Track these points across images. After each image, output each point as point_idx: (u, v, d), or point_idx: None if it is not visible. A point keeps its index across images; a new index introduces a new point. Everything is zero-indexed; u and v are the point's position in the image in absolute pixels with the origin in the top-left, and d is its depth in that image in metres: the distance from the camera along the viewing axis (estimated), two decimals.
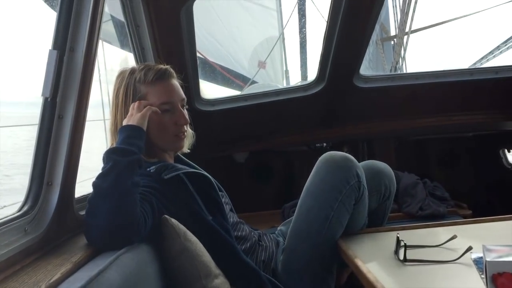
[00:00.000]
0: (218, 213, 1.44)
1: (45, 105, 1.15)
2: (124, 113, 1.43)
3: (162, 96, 1.45)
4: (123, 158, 1.21)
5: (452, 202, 2.50)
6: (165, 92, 1.46)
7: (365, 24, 2.15)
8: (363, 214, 1.63)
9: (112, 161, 1.20)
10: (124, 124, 1.36)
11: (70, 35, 1.16)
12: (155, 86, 1.45)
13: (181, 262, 1.25)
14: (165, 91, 1.46)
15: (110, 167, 1.19)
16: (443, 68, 2.65)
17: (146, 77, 1.45)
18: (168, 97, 1.46)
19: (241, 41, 6.30)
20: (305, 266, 1.53)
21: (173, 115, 1.47)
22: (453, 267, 1.17)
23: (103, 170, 1.20)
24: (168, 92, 1.47)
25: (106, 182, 1.16)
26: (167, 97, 1.46)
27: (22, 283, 0.88)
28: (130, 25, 1.83)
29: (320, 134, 2.82)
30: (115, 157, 1.21)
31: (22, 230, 1.05)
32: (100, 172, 1.20)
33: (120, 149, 1.25)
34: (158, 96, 1.45)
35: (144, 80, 1.45)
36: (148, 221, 1.20)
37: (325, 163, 1.55)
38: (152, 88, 1.45)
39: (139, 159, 1.26)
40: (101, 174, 1.19)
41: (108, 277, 0.93)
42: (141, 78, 1.45)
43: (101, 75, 2.11)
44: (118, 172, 1.18)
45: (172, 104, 1.47)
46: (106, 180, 1.16)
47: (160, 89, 1.46)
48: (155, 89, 1.45)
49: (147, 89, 1.45)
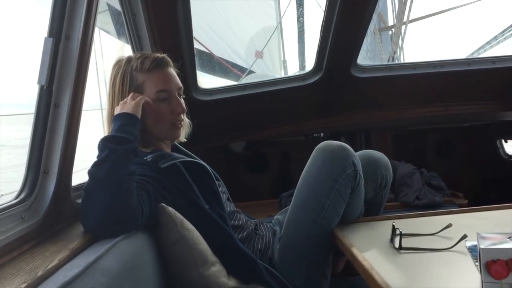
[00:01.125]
0: (215, 202, 1.45)
1: (41, 93, 1.15)
2: (120, 102, 1.43)
3: (159, 84, 1.45)
4: (118, 146, 1.21)
5: (449, 191, 2.51)
6: (162, 80, 1.46)
7: (363, 13, 2.14)
8: (359, 203, 1.63)
9: (108, 149, 1.20)
10: (118, 112, 1.36)
11: (65, 23, 1.16)
12: (152, 74, 1.45)
13: (178, 250, 1.25)
14: (162, 79, 1.46)
15: (105, 155, 1.19)
16: (441, 58, 2.65)
17: (143, 66, 1.44)
18: (165, 85, 1.46)
19: (238, 30, 6.28)
20: (301, 255, 1.53)
21: (170, 103, 1.47)
22: (448, 255, 1.18)
23: (99, 158, 1.19)
24: (165, 80, 1.47)
25: (102, 170, 1.16)
26: (164, 85, 1.46)
27: (19, 269, 0.88)
28: (126, 13, 1.82)
29: (318, 124, 2.83)
30: (111, 145, 1.21)
31: (19, 217, 1.06)
32: (95, 160, 1.20)
33: (115, 137, 1.25)
34: (155, 84, 1.45)
35: (141, 68, 1.45)
36: (145, 210, 1.20)
37: (321, 152, 1.55)
38: (149, 76, 1.45)
39: (135, 147, 1.26)
40: (97, 162, 1.19)
41: (105, 264, 0.93)
42: (138, 67, 1.45)
43: (97, 64, 2.10)
44: (114, 160, 1.18)
45: (169, 93, 1.47)
46: (101, 169, 1.16)
47: (157, 77, 1.45)
48: (152, 77, 1.45)
49: (144, 77, 1.45)
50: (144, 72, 1.45)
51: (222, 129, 2.68)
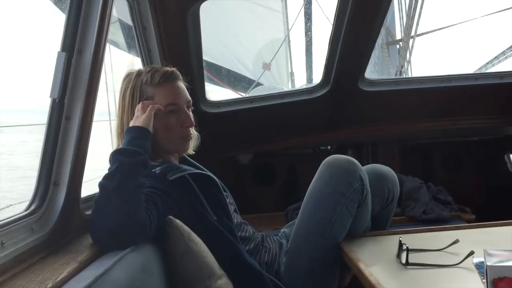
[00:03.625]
0: (223, 214, 1.45)
1: (53, 106, 1.17)
2: (130, 115, 1.45)
3: (168, 97, 1.47)
4: (128, 159, 1.23)
5: (456, 206, 2.50)
6: (171, 93, 1.48)
7: (371, 27, 2.16)
8: (366, 217, 1.63)
9: (118, 161, 1.21)
10: (130, 126, 1.38)
11: (78, 38, 1.18)
12: (162, 87, 1.47)
13: (185, 262, 1.26)
14: (171, 93, 1.48)
15: (115, 168, 1.20)
16: (448, 72, 2.66)
17: (152, 79, 1.47)
18: (174, 99, 1.49)
19: (246, 42, 6.32)
20: (308, 269, 1.53)
21: (179, 117, 1.49)
22: (455, 271, 1.18)
23: (109, 170, 1.21)
24: (174, 93, 1.49)
25: (112, 182, 1.17)
26: (173, 98, 1.48)
27: (29, 281, 0.89)
28: (137, 27, 1.85)
29: (325, 137, 2.83)
30: (121, 157, 1.23)
31: (29, 228, 1.07)
32: (106, 172, 1.21)
33: (126, 150, 1.27)
34: (164, 97, 1.47)
35: (150, 81, 1.47)
36: (153, 222, 1.21)
37: (328, 166, 1.56)
38: (158, 89, 1.47)
39: (145, 160, 1.27)
40: (107, 174, 1.21)
41: (114, 276, 0.94)
42: (148, 80, 1.47)
43: (107, 78, 2.13)
44: (124, 173, 1.19)
45: (178, 106, 1.49)
46: (112, 181, 1.18)
47: (166, 91, 1.48)
48: (161, 90, 1.47)
49: (153, 90, 1.47)
50: (153, 86, 1.47)
51: (229, 142, 2.69)
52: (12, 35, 5.62)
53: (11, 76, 5.60)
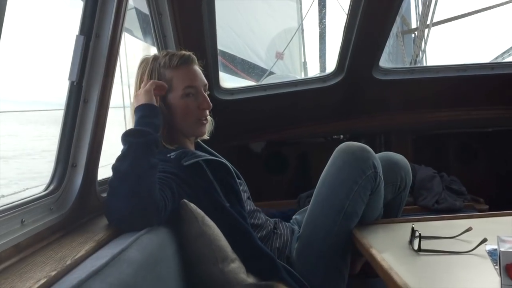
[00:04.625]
0: (236, 201, 1.47)
1: (71, 89, 1.19)
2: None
3: (186, 80, 1.49)
4: (138, 140, 1.23)
5: (469, 196, 2.49)
6: (189, 76, 1.51)
7: (386, 16, 2.14)
8: (379, 205, 1.64)
9: (128, 143, 1.22)
10: (135, 106, 1.39)
11: (96, 21, 1.20)
12: (179, 70, 1.49)
13: (199, 245, 1.28)
14: (189, 76, 1.51)
15: (126, 150, 1.21)
16: (464, 61, 2.63)
17: (170, 62, 1.49)
18: (192, 81, 1.51)
19: (259, 31, 6.29)
20: (319, 254, 1.55)
21: (197, 99, 1.52)
22: (467, 258, 1.18)
23: (121, 153, 1.22)
24: (192, 76, 1.51)
25: (124, 165, 1.18)
26: (191, 81, 1.50)
27: (49, 258, 0.92)
28: (153, 13, 1.86)
29: (337, 125, 2.83)
30: (131, 139, 1.23)
31: (48, 208, 1.10)
32: (118, 154, 1.22)
33: (135, 130, 1.27)
34: (182, 80, 1.49)
35: (169, 64, 1.49)
36: (168, 205, 1.23)
37: (342, 153, 1.56)
38: (176, 72, 1.49)
39: (155, 139, 1.27)
40: (119, 157, 1.21)
41: (130, 255, 0.96)
42: (166, 63, 1.49)
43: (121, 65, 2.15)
44: (135, 154, 1.20)
45: (195, 88, 1.51)
46: (123, 163, 1.18)
47: (184, 74, 1.50)
48: (179, 73, 1.49)
49: (171, 73, 1.49)
50: (171, 69, 1.49)
51: (242, 129, 2.70)
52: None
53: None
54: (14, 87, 7.01)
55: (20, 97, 8.63)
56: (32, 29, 5.78)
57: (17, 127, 11.04)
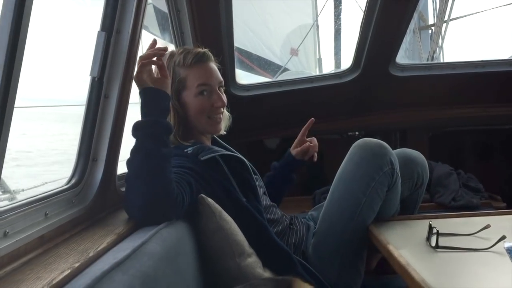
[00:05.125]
0: (252, 196, 1.48)
1: (92, 84, 1.21)
2: None
3: (200, 78, 1.50)
4: (146, 131, 1.20)
5: (486, 194, 2.47)
6: (203, 74, 1.51)
7: (404, 12, 2.13)
8: (395, 201, 1.64)
9: (137, 138, 1.21)
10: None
11: (117, 18, 1.21)
12: (194, 69, 1.50)
13: (216, 240, 1.29)
14: (203, 74, 1.51)
15: (136, 144, 1.20)
16: (482, 58, 2.60)
17: (185, 60, 1.49)
18: (206, 79, 1.51)
19: (274, 28, 6.29)
20: (335, 250, 1.55)
21: (210, 97, 1.52)
22: (486, 255, 1.17)
23: (133, 147, 1.20)
24: (206, 74, 1.51)
25: (136, 160, 1.18)
26: (205, 79, 1.51)
27: (72, 250, 0.94)
28: (171, 9, 1.88)
29: (353, 122, 2.82)
30: (139, 133, 1.21)
31: (70, 202, 1.12)
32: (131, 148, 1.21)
33: (141, 122, 1.23)
34: (196, 78, 1.50)
35: (183, 63, 1.50)
36: (186, 199, 1.24)
37: (359, 149, 1.56)
38: (190, 71, 1.50)
39: (163, 126, 1.23)
40: (132, 151, 1.20)
41: (150, 248, 0.98)
42: (180, 61, 1.50)
43: None
44: (145, 147, 1.18)
45: (209, 86, 1.51)
46: (136, 158, 1.18)
47: (198, 72, 1.50)
48: (193, 71, 1.50)
49: (186, 72, 1.50)
50: (186, 67, 1.50)
51: (257, 125, 2.71)
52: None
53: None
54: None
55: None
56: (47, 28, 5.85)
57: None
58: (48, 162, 10.76)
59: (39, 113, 12.50)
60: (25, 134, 13.50)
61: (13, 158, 9.73)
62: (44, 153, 12.18)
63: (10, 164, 8.04)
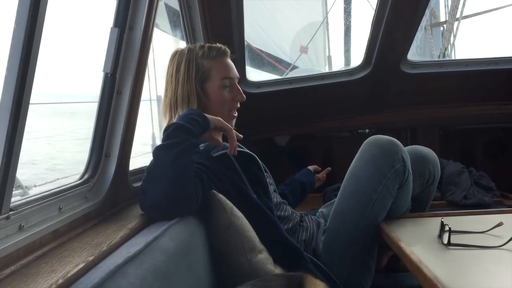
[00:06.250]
0: (263, 193, 1.48)
1: (105, 80, 1.22)
2: (186, 85, 1.50)
3: (223, 71, 1.55)
4: (188, 137, 1.23)
5: (498, 192, 2.44)
6: (226, 67, 1.56)
7: (415, 9, 2.12)
8: (407, 198, 1.63)
9: (178, 137, 1.22)
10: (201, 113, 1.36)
11: (130, 14, 1.22)
12: (217, 61, 1.55)
13: (227, 236, 1.29)
14: (226, 67, 1.56)
15: (175, 142, 1.21)
16: (493, 55, 2.58)
17: (210, 53, 1.54)
18: (229, 73, 1.57)
19: (283, 25, 6.28)
20: (346, 247, 1.55)
21: (232, 91, 1.57)
22: (498, 253, 1.16)
23: (167, 142, 1.21)
24: (229, 68, 1.57)
25: (168, 155, 1.19)
26: (229, 72, 1.56)
27: (85, 244, 0.95)
28: (183, 6, 1.90)
29: (363, 120, 2.81)
30: (183, 135, 1.23)
31: (83, 196, 1.13)
32: (162, 143, 1.23)
33: (188, 128, 1.25)
34: (221, 70, 1.54)
35: (208, 55, 1.54)
36: (199, 196, 1.24)
37: (370, 146, 1.56)
38: (214, 62, 1.54)
39: (199, 142, 1.31)
40: (164, 145, 1.21)
41: (163, 243, 0.99)
42: (205, 53, 1.54)
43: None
44: (181, 149, 1.20)
45: (231, 80, 1.57)
46: (168, 153, 1.19)
47: (222, 65, 1.56)
48: (217, 64, 1.55)
49: (210, 63, 1.54)
50: (210, 59, 1.54)
51: (267, 122, 2.71)
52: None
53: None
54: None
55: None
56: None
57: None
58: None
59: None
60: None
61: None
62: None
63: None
